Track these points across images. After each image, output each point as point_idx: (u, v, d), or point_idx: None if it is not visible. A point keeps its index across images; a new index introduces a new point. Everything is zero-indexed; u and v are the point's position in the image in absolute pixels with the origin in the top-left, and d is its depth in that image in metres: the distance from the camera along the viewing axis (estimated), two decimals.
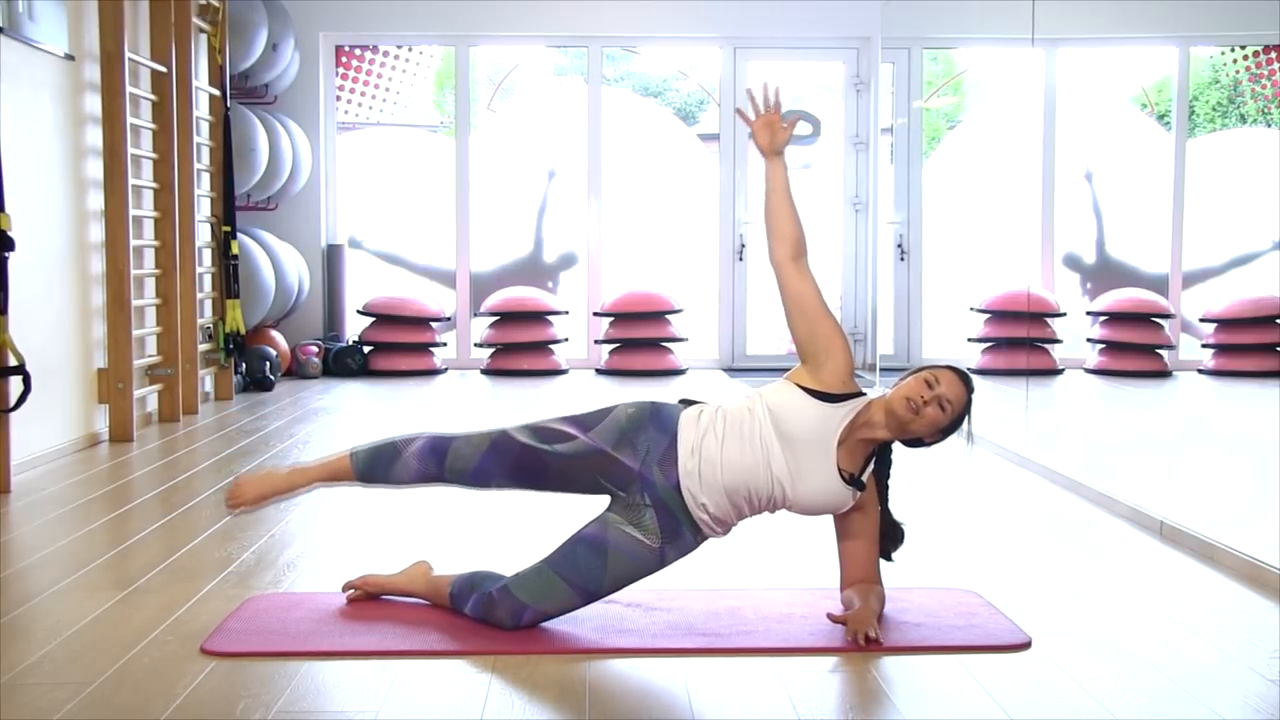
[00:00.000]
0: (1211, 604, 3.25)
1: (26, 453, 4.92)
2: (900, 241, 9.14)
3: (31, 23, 5.10)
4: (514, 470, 2.97)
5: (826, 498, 2.93)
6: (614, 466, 2.92)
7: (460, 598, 2.99)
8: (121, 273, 5.77)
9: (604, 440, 2.94)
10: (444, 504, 4.36)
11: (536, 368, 8.70)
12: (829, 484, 2.91)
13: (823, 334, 2.93)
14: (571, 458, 2.93)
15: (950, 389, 2.91)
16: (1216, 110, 9.79)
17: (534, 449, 2.95)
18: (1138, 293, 8.94)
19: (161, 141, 6.40)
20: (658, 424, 2.95)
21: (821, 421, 2.88)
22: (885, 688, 2.64)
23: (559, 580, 2.91)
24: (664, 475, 2.90)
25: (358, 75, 9.11)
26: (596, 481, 2.94)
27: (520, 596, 2.91)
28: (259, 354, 7.66)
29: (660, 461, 2.91)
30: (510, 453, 2.96)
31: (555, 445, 2.95)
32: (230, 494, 3.09)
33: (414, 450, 3.02)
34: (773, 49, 9.16)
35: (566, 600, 2.92)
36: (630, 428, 2.95)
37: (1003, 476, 5.09)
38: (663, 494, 2.90)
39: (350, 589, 3.17)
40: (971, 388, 2.97)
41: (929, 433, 2.94)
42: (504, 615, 2.91)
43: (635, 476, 2.92)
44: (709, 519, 2.92)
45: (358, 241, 9.21)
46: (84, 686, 2.58)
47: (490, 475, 2.98)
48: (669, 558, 2.95)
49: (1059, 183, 9.25)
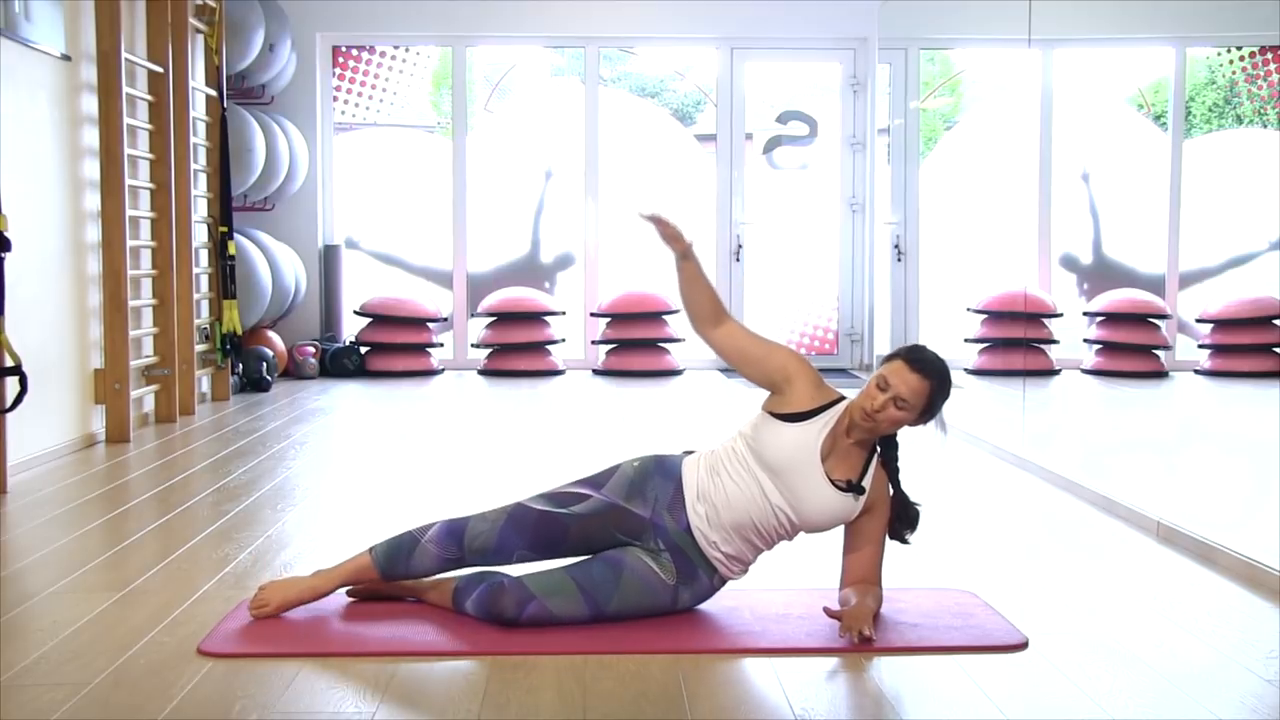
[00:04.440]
0: (1208, 604, 3.26)
1: (23, 453, 4.92)
2: (897, 242, 9.15)
3: (28, 23, 5.10)
4: (534, 539, 3.00)
5: (831, 512, 2.97)
6: (628, 519, 3.01)
7: (466, 590, 2.98)
8: (118, 273, 5.77)
9: (616, 494, 3.03)
10: (445, 505, 4.37)
11: (533, 368, 8.70)
12: (827, 499, 2.95)
13: (775, 366, 3.00)
14: (588, 517, 3.01)
15: (903, 384, 2.90)
16: (1213, 111, 9.80)
17: (551, 514, 3.01)
18: (1134, 293, 8.95)
19: (158, 142, 6.40)
20: (662, 473, 3.05)
21: (799, 443, 2.94)
22: (882, 688, 2.64)
23: (571, 583, 2.94)
24: (674, 520, 3.00)
25: (354, 76, 9.11)
26: (614, 537, 3.02)
27: (530, 587, 2.93)
28: (256, 354, 7.66)
29: (669, 507, 3.01)
30: (529, 523, 3.01)
31: (571, 507, 3.02)
32: (255, 601, 3.02)
33: (431, 537, 3.04)
34: (769, 49, 9.16)
35: (573, 604, 2.93)
36: (638, 478, 3.05)
37: (999, 477, 5.09)
38: (675, 538, 3.00)
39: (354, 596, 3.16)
40: (931, 372, 2.93)
41: (894, 428, 2.95)
42: (509, 603, 2.91)
43: (648, 524, 3.01)
44: (723, 557, 3.00)
45: (355, 242, 9.20)
46: (81, 687, 2.58)
47: (512, 548, 3.00)
48: (682, 599, 3.02)
49: (1056, 183, 9.26)
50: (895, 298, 9.17)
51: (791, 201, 9.27)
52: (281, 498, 4.52)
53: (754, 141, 9.28)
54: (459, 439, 6.13)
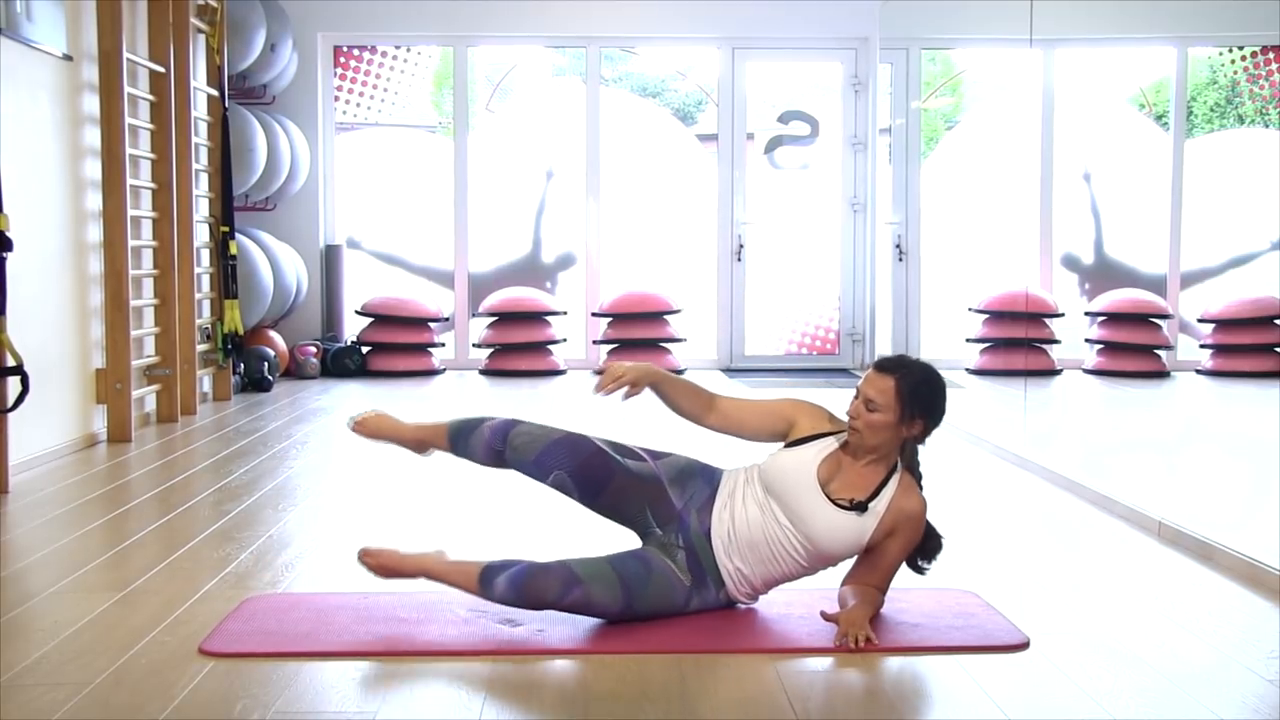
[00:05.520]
0: (1209, 604, 3.26)
1: (25, 453, 4.92)
2: (899, 242, 9.15)
3: (29, 23, 5.10)
4: (582, 468, 3.04)
5: (840, 533, 2.97)
6: (663, 500, 3.07)
7: (497, 569, 2.95)
8: (120, 273, 5.77)
9: (665, 472, 3.10)
10: (447, 505, 4.36)
11: (535, 368, 8.70)
12: (830, 519, 2.96)
13: (778, 417, 3.11)
14: (635, 477, 3.07)
15: (870, 387, 2.96)
16: (1214, 111, 9.80)
17: (608, 455, 3.08)
18: (1136, 293, 8.94)
19: (159, 142, 6.40)
20: (705, 476, 3.12)
21: (797, 465, 3.00)
22: (883, 688, 2.64)
23: (612, 571, 2.96)
24: (699, 521, 3.05)
25: (356, 75, 9.11)
26: (644, 511, 3.07)
27: (577, 570, 2.94)
28: (257, 354, 7.66)
29: (700, 508, 3.06)
30: (584, 450, 3.07)
31: (626, 460, 3.08)
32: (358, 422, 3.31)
33: (491, 424, 3.14)
34: (771, 49, 9.16)
35: (610, 595, 2.93)
36: (686, 470, 3.12)
37: (1001, 477, 5.09)
38: (694, 539, 3.04)
39: (368, 558, 3.09)
40: (893, 368, 2.97)
41: (877, 434, 2.95)
42: (554, 582, 2.90)
43: (676, 516, 3.06)
44: (734, 571, 3.02)
45: (356, 242, 9.20)
46: (82, 687, 2.58)
47: (553, 466, 3.05)
48: (693, 603, 3.03)
49: (1057, 183, 9.26)
50: (896, 298, 9.17)
51: (793, 201, 9.27)
52: (283, 497, 4.52)
53: (755, 141, 9.28)
54: None
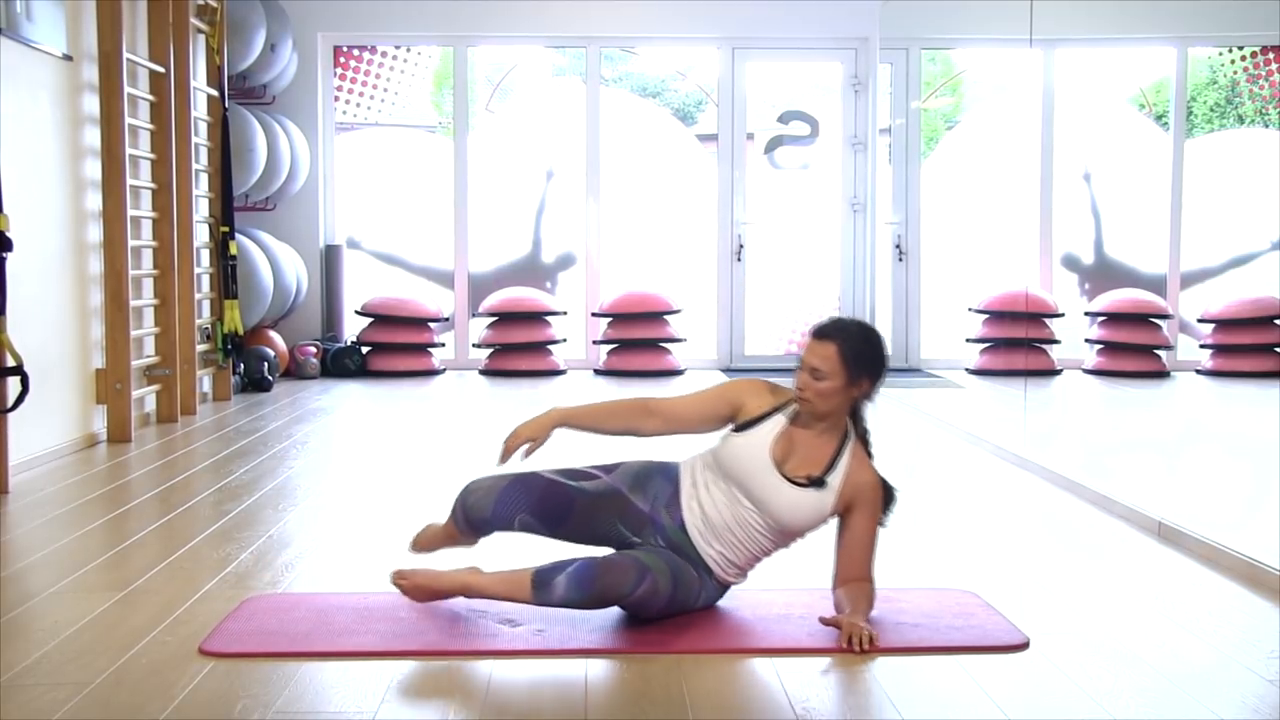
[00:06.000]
0: (1210, 604, 3.26)
1: (24, 453, 4.92)
2: (898, 242, 9.15)
3: (29, 23, 5.10)
4: (541, 505, 3.02)
5: (802, 511, 2.98)
6: (631, 510, 3.07)
7: (551, 571, 2.92)
8: (119, 273, 5.77)
9: (622, 482, 3.10)
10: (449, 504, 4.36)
11: (535, 368, 8.70)
12: (790, 498, 2.97)
13: (723, 404, 3.08)
14: (595, 497, 3.06)
15: (812, 357, 2.97)
16: (1214, 111, 9.80)
17: (560, 484, 3.06)
18: (1136, 293, 8.95)
19: (159, 142, 6.40)
20: (663, 474, 3.12)
21: (751, 449, 3.00)
22: (883, 688, 2.64)
23: (662, 561, 2.95)
24: (671, 517, 3.05)
25: (356, 76, 9.11)
26: (615, 526, 3.06)
27: (643, 559, 2.92)
28: (257, 354, 7.66)
29: (667, 505, 3.07)
30: (537, 487, 3.05)
31: (580, 483, 3.07)
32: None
33: (459, 501, 3.12)
34: (770, 49, 9.16)
35: (666, 582, 2.92)
36: (642, 474, 3.12)
37: (1001, 477, 5.09)
38: (673, 535, 3.04)
39: (402, 580, 3.09)
40: (831, 333, 2.98)
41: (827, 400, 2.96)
42: (628, 573, 2.87)
43: (648, 519, 3.07)
44: (716, 556, 3.03)
45: (356, 242, 9.20)
46: (83, 687, 2.58)
47: (512, 512, 3.02)
48: (704, 595, 3.05)
49: (1057, 183, 9.26)
50: (896, 298, 9.17)
51: (793, 201, 9.26)
52: (283, 497, 4.52)
53: (755, 141, 9.28)
54: (460, 439, 6.13)
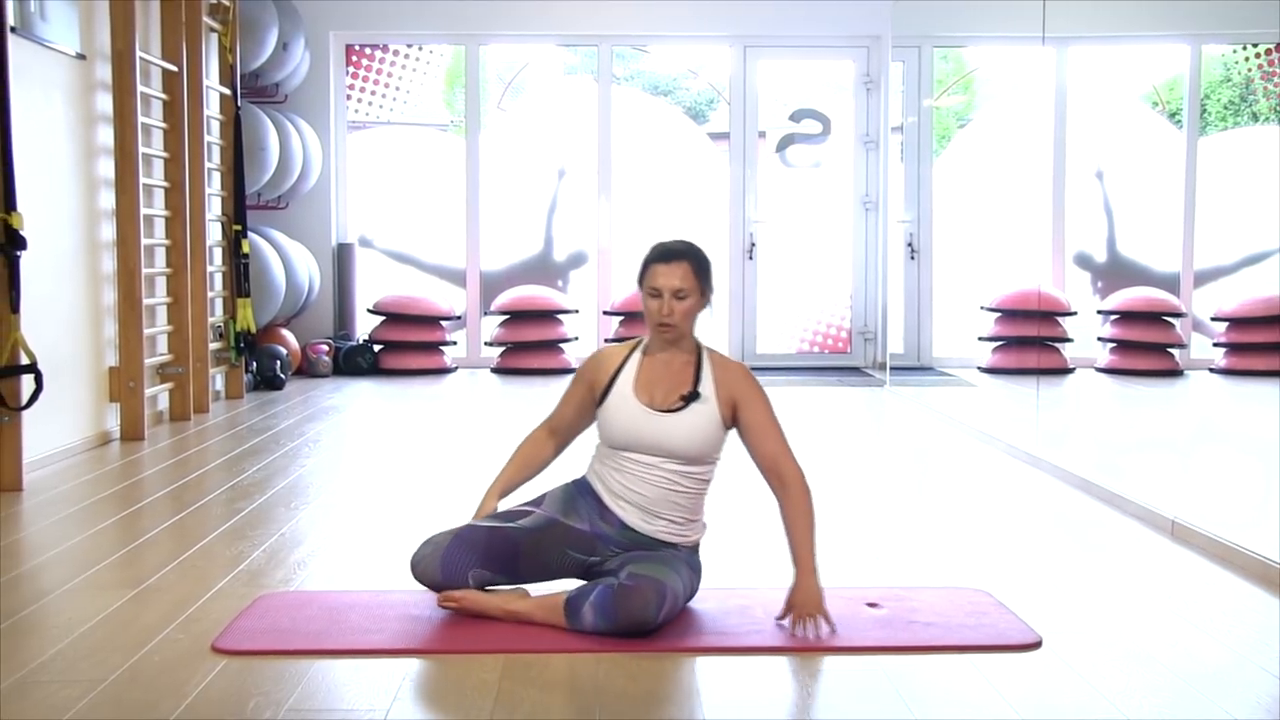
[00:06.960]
0: (1223, 604, 3.25)
1: (38, 451, 4.94)
2: (910, 240, 9.13)
3: (43, 22, 5.11)
4: (487, 555, 3.01)
5: (695, 431, 3.03)
6: (573, 534, 3.07)
7: (582, 596, 2.91)
8: (132, 271, 5.78)
9: (554, 510, 3.12)
10: (456, 504, 4.37)
11: (546, 366, 8.70)
12: (678, 425, 3.02)
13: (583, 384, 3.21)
14: (536, 531, 3.07)
15: (670, 279, 3.05)
16: (1228, 108, 9.76)
17: (500, 529, 3.06)
18: (1149, 291, 8.92)
19: (172, 140, 6.41)
20: (581, 490, 3.15)
21: (617, 409, 3.07)
22: (895, 687, 2.64)
23: (666, 568, 2.96)
24: (610, 524, 3.08)
25: (368, 74, 9.12)
26: (565, 554, 3.07)
27: (652, 574, 2.91)
28: (269, 353, 7.68)
29: (601, 516, 3.09)
30: (479, 538, 3.04)
31: (518, 522, 3.09)
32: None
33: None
34: (782, 48, 9.15)
35: (681, 586, 2.95)
36: (567, 497, 3.14)
37: (1013, 476, 5.08)
38: (621, 538, 3.07)
39: (450, 602, 3.04)
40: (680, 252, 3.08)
41: (689, 318, 3.10)
42: (648, 596, 2.84)
43: (591, 537, 3.08)
44: (665, 527, 3.06)
45: (368, 240, 9.22)
46: (96, 684, 2.59)
47: (462, 568, 3.00)
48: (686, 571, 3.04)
49: (1070, 181, 9.23)
50: (908, 296, 9.15)
51: (805, 200, 9.25)
52: (295, 495, 4.53)
53: (767, 140, 9.27)
54: (472, 437, 6.14)
